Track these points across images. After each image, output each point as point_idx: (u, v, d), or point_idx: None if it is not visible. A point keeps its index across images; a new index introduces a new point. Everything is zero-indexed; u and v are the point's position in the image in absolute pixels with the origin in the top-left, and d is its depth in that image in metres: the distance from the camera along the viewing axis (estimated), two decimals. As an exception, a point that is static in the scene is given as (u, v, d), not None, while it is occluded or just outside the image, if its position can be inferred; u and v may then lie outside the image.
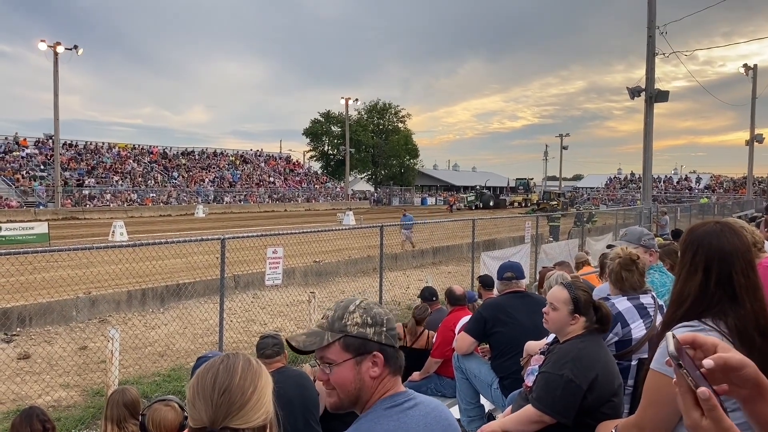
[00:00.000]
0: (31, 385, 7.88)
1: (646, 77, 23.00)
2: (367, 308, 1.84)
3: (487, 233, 23.93)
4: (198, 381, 1.40)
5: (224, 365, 1.41)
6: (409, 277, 16.18)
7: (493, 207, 62.50)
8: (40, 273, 12.67)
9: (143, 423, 3.32)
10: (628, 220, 25.26)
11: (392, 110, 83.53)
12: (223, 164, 62.18)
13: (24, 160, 46.90)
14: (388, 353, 1.82)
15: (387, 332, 1.83)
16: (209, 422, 1.34)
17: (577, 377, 2.91)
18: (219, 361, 1.43)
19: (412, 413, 1.78)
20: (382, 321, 1.82)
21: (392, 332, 1.85)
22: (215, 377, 1.38)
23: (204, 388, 1.37)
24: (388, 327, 1.83)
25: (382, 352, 1.80)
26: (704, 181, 78.60)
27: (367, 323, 1.80)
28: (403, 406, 1.79)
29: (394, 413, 1.76)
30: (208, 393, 1.36)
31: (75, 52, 39.58)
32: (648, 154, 23.81)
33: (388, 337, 1.82)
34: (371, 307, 1.85)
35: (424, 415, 1.80)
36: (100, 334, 10.21)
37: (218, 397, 1.35)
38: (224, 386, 1.37)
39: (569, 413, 2.93)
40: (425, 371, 6.12)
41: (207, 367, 1.43)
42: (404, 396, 1.83)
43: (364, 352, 1.79)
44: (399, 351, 1.87)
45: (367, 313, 1.82)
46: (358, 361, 1.79)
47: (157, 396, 7.36)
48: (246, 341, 10.10)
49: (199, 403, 1.36)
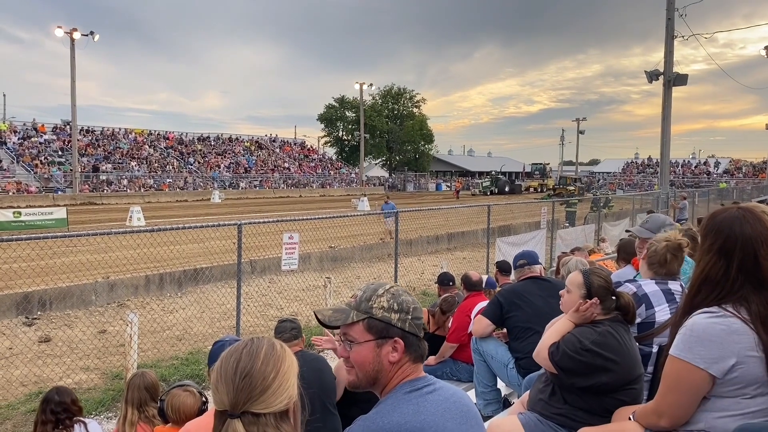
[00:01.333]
0: (53, 367, 8.01)
1: (664, 60, 22.70)
2: (395, 294, 1.85)
3: (502, 219, 23.85)
4: (221, 365, 1.41)
5: (247, 350, 1.42)
6: (424, 263, 16.18)
7: (508, 192, 62.24)
8: (60, 258, 12.84)
9: (162, 408, 3.37)
10: (645, 205, 25.04)
11: (407, 95, 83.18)
12: (239, 150, 62.41)
13: (42, 146, 47.37)
14: (409, 341, 1.82)
15: (412, 320, 1.84)
16: (230, 406, 1.35)
17: (597, 349, 2.92)
18: (243, 345, 1.44)
19: (431, 398, 1.79)
20: (408, 309, 1.84)
21: (417, 321, 1.86)
22: (238, 361, 1.40)
23: (226, 371, 1.38)
24: (413, 315, 1.84)
25: (403, 338, 1.81)
26: (723, 165, 77.56)
27: (393, 309, 1.82)
28: (422, 391, 1.80)
29: (413, 397, 1.77)
30: (229, 377, 1.37)
31: (91, 38, 39.78)
32: (666, 138, 23.56)
33: (412, 325, 1.83)
34: (399, 294, 1.86)
35: (443, 400, 1.81)
36: (119, 318, 10.34)
37: (239, 381, 1.36)
38: (246, 370, 1.37)
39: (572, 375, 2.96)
40: (440, 356, 6.13)
41: (231, 351, 1.44)
42: (424, 381, 1.84)
43: (386, 336, 1.81)
44: (422, 340, 1.88)
45: (394, 298, 1.84)
46: (379, 344, 1.81)
47: (176, 381, 7.47)
48: (263, 325, 10.18)
49: (221, 387, 1.37)
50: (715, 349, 2.10)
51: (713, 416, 2.19)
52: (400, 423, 1.70)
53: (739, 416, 2.12)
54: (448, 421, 1.77)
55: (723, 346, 2.09)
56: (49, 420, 3.79)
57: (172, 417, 3.30)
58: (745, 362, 2.08)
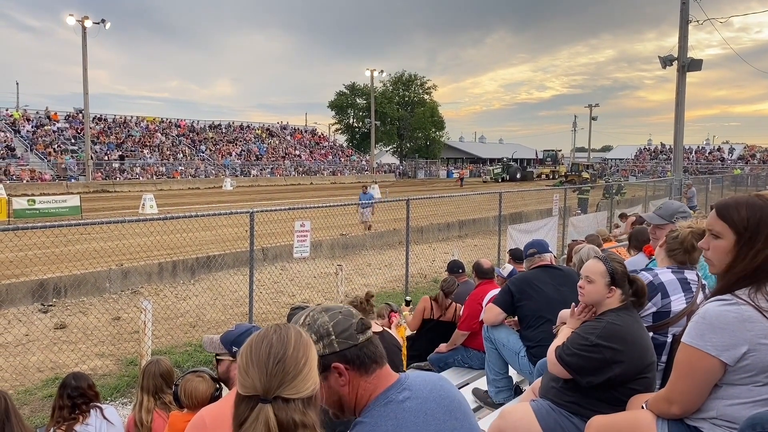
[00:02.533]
0: (68, 354, 8.12)
1: (678, 45, 22.43)
2: (310, 324, 1.72)
3: (513, 206, 23.77)
4: (252, 349, 1.42)
5: (278, 335, 1.43)
6: (435, 251, 16.19)
7: (520, 179, 62.00)
8: (74, 245, 12.96)
9: (176, 393, 3.41)
10: (658, 192, 24.87)
11: (418, 82, 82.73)
12: (250, 137, 62.51)
13: (55, 134, 47.67)
14: (347, 357, 1.70)
15: (337, 339, 1.70)
16: (262, 391, 1.36)
17: (604, 343, 2.92)
18: (272, 330, 1.45)
19: (408, 405, 1.71)
20: (327, 330, 1.69)
21: (345, 333, 1.71)
22: (270, 346, 1.40)
23: (259, 356, 1.39)
24: (336, 332, 1.70)
25: (340, 360, 1.69)
26: (737, 151, 76.70)
27: (313, 341, 1.62)
28: (397, 400, 1.71)
29: (391, 410, 1.69)
30: (263, 362, 1.38)
31: (103, 26, 39.84)
32: (680, 124, 23.33)
33: (341, 342, 1.70)
34: (315, 320, 1.72)
35: (422, 403, 1.73)
36: (133, 305, 10.44)
37: (273, 366, 1.37)
38: (279, 356, 1.39)
39: (584, 374, 2.95)
40: (452, 343, 6.16)
41: (260, 336, 1.44)
42: (396, 388, 1.74)
43: (324, 370, 1.67)
44: (367, 344, 1.74)
45: (310, 329, 1.70)
46: (325, 377, 1.68)
47: (189, 367, 7.55)
48: (275, 312, 10.25)
49: (252, 371, 1.38)
50: (727, 337, 2.10)
51: (725, 403, 2.19)
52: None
53: (750, 404, 2.12)
54: (430, 425, 1.70)
55: (735, 334, 2.09)
56: (66, 405, 3.85)
57: (186, 402, 3.34)
58: (757, 350, 2.08)
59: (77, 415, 3.81)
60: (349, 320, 1.74)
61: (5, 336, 8.55)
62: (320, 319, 1.72)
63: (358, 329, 1.73)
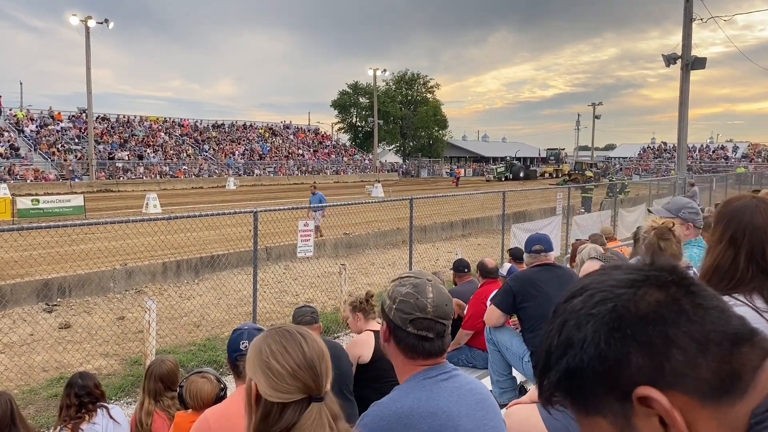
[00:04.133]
0: (73, 353, 8.14)
1: (682, 44, 22.38)
2: (399, 283, 1.91)
3: (517, 205, 23.74)
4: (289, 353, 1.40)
5: (301, 335, 1.46)
6: (438, 250, 16.20)
7: (523, 178, 61.86)
8: (78, 245, 12.98)
9: (181, 394, 3.42)
10: (661, 190, 24.81)
11: (420, 81, 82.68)
12: (253, 137, 62.55)
13: (59, 134, 47.76)
14: (395, 331, 1.86)
15: (397, 310, 1.85)
16: (317, 389, 1.37)
17: None
18: (289, 333, 1.46)
19: (445, 384, 1.82)
20: (395, 297, 1.86)
21: (404, 313, 1.83)
22: (305, 346, 1.42)
23: (302, 358, 1.39)
24: (398, 305, 1.85)
25: (391, 329, 1.88)
26: (741, 150, 76.51)
27: (389, 296, 1.89)
28: (436, 378, 1.82)
29: (427, 384, 1.80)
30: (309, 362, 1.39)
31: (106, 26, 39.88)
32: (683, 122, 23.29)
33: (395, 315, 1.85)
34: (404, 284, 1.90)
35: (457, 387, 1.83)
36: (137, 305, 10.46)
37: (319, 363, 1.40)
38: (319, 353, 1.42)
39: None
40: (456, 343, 6.14)
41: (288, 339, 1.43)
42: (440, 369, 1.85)
43: (389, 329, 1.89)
44: (418, 337, 1.82)
45: (393, 287, 1.90)
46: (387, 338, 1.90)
47: (194, 367, 7.56)
48: (279, 312, 10.26)
49: (303, 374, 1.37)
50: None
51: None
52: (412, 407, 1.74)
53: None
54: (462, 407, 1.79)
55: None
56: (73, 404, 3.86)
57: (191, 403, 3.35)
58: None
59: (84, 414, 3.82)
60: (411, 306, 1.87)
61: (10, 336, 8.58)
62: (406, 288, 1.87)
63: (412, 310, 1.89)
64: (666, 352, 0.72)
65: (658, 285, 0.76)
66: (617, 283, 0.77)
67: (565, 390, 0.78)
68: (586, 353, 0.74)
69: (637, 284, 0.76)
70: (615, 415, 0.74)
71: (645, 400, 0.71)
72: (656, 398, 0.70)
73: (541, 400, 0.83)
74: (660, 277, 0.77)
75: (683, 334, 0.72)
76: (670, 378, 0.71)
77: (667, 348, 0.72)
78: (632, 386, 0.72)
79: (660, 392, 0.71)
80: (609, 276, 0.79)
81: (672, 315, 0.73)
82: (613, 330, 0.74)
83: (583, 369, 0.75)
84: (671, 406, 0.70)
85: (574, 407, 0.79)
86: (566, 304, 0.80)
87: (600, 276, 0.81)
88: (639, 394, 0.71)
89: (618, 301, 0.75)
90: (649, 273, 0.78)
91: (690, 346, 0.72)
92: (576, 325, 0.76)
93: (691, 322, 0.73)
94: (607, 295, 0.76)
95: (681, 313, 0.74)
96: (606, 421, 0.75)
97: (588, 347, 0.74)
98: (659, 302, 0.74)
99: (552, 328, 0.80)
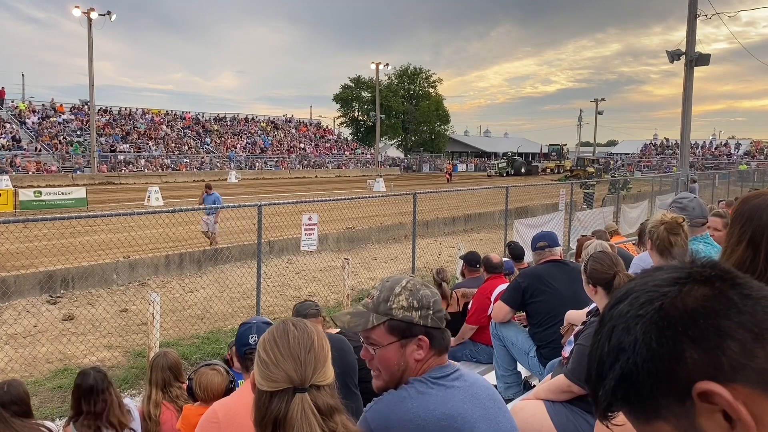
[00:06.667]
0: (77, 345, 8.16)
1: (686, 40, 22.28)
2: (413, 290, 1.78)
3: (519, 200, 23.74)
4: (277, 343, 1.44)
5: (298, 327, 1.48)
6: (441, 244, 16.20)
7: (524, 174, 61.80)
8: (80, 237, 13.00)
9: (190, 386, 3.43)
10: (664, 187, 24.79)
11: (423, 75, 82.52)
12: (255, 130, 62.49)
13: (61, 126, 47.73)
14: (433, 335, 1.78)
15: (433, 315, 1.78)
16: (299, 380, 1.39)
17: None
18: (289, 324, 1.49)
19: (458, 384, 1.79)
20: (429, 304, 1.78)
21: (439, 314, 1.80)
22: (297, 338, 1.44)
23: (289, 348, 1.42)
24: (434, 309, 1.79)
25: (427, 335, 1.76)
26: (744, 147, 76.32)
27: (413, 306, 1.75)
28: (449, 378, 1.79)
29: (441, 384, 1.77)
30: (294, 352, 1.41)
31: (108, 18, 39.79)
32: (687, 119, 23.21)
33: (434, 320, 1.78)
34: (417, 289, 1.79)
35: (468, 386, 1.81)
36: (140, 297, 10.47)
37: (305, 355, 1.41)
38: (308, 345, 1.43)
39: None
40: (460, 337, 6.13)
41: (280, 330, 1.47)
42: (450, 368, 1.83)
43: (410, 336, 1.75)
44: (445, 331, 1.84)
45: (413, 295, 1.77)
46: (403, 344, 1.76)
47: (197, 359, 7.59)
48: (281, 305, 10.28)
49: (285, 363, 1.40)
50: None
51: None
52: (430, 409, 1.70)
53: None
54: (477, 408, 1.77)
55: None
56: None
57: (200, 395, 3.36)
58: None
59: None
60: (441, 306, 1.84)
61: (14, 327, 8.60)
62: (423, 291, 1.80)
63: (445, 316, 1.84)
64: (721, 345, 0.71)
65: (702, 281, 0.76)
66: (661, 282, 0.77)
67: (623, 397, 0.76)
68: (639, 355, 0.73)
69: (681, 281, 0.76)
70: (677, 417, 0.73)
71: (706, 395, 0.70)
72: (717, 392, 0.69)
73: (598, 415, 0.81)
74: (703, 272, 0.77)
75: (736, 324, 0.71)
76: (729, 370, 0.70)
77: (722, 340, 0.71)
78: (690, 383, 0.71)
79: (721, 386, 0.69)
80: (652, 277, 0.79)
81: (721, 307, 0.73)
82: (663, 328, 0.73)
83: (638, 372, 0.74)
84: (734, 399, 0.69)
85: (634, 415, 0.77)
86: (612, 310, 0.79)
87: (642, 278, 0.80)
88: (699, 389, 0.70)
89: (664, 299, 0.75)
90: (692, 270, 0.78)
91: (744, 337, 0.71)
92: (625, 328, 0.76)
93: (741, 313, 0.72)
94: (652, 295, 0.76)
95: (730, 304, 0.73)
96: (669, 425, 0.74)
97: (640, 349, 0.74)
98: (706, 296, 0.74)
99: (600, 336, 0.79)
